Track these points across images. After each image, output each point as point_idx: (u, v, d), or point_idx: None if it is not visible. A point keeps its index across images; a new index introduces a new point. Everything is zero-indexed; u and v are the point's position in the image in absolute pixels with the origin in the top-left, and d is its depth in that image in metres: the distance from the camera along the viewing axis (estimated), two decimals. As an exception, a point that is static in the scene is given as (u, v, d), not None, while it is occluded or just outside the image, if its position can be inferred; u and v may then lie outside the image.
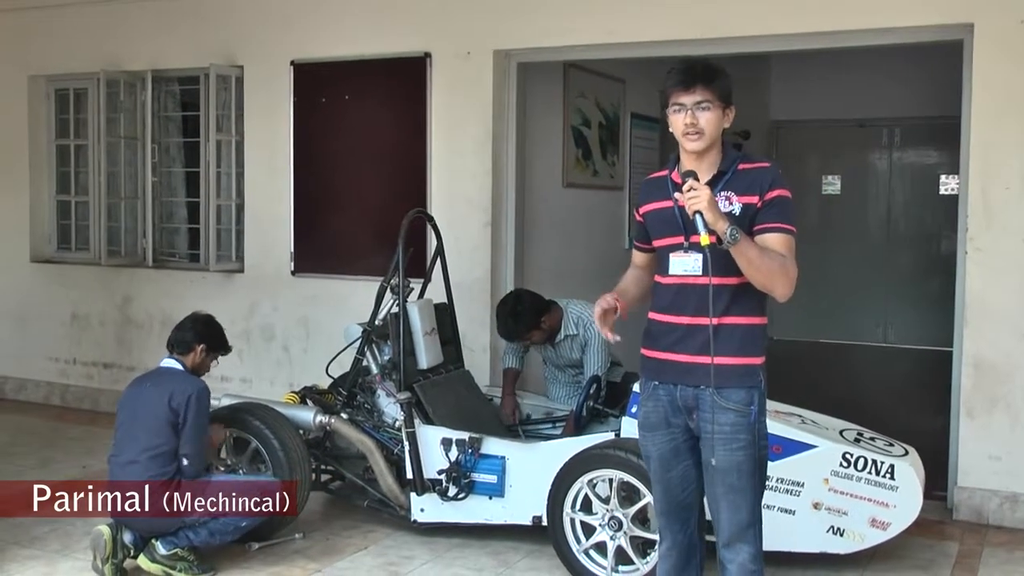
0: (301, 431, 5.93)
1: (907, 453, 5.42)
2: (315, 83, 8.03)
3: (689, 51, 7.13)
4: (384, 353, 6.01)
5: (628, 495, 5.15)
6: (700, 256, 3.68)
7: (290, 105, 8.12)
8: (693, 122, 3.72)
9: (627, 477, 5.09)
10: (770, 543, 5.11)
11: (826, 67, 10.85)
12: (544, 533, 5.44)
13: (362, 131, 7.87)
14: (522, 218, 7.70)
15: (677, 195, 3.73)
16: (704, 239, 3.57)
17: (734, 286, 3.70)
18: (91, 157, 9.04)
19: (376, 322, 6.06)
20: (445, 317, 6.42)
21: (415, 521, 5.81)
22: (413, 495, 5.75)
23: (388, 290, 6.02)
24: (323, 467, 6.18)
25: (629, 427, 5.46)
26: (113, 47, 8.81)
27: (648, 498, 5.01)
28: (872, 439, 5.51)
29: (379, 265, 6.30)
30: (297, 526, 5.90)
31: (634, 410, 5.49)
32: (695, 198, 3.59)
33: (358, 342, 6.05)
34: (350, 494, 6.15)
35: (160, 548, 5.26)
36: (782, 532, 5.12)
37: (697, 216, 3.59)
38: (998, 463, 6.22)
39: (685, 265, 3.75)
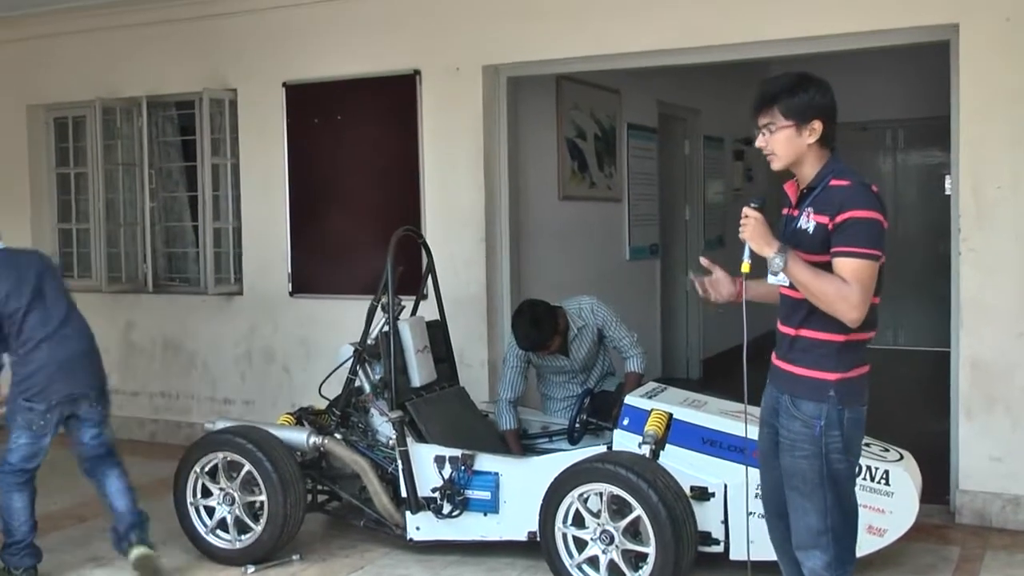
0: (298, 452, 5.93)
1: (902, 458, 5.37)
2: (307, 104, 8.05)
3: (681, 60, 7.21)
4: (376, 372, 6.00)
5: (619, 508, 5.11)
6: None
7: (283, 126, 8.15)
8: (763, 144, 3.82)
9: (617, 490, 5.04)
10: (767, 553, 5.11)
11: (828, 71, 10.66)
12: (540, 549, 5.41)
13: (355, 150, 7.90)
14: (517, 232, 7.70)
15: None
16: (745, 267, 3.79)
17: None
18: (90, 184, 9.07)
19: (368, 341, 6.05)
20: (438, 334, 6.41)
21: (411, 540, 5.78)
22: (408, 514, 5.73)
23: (379, 308, 6.02)
24: (319, 488, 6.17)
25: (621, 440, 5.46)
26: (109, 74, 8.85)
27: (638, 511, 4.99)
28: (867, 444, 5.44)
29: (376, 283, 6.30)
30: (295, 547, 5.90)
31: (625, 422, 5.49)
32: (743, 227, 3.74)
33: (350, 362, 6.05)
34: (347, 514, 6.14)
35: None
36: (778, 541, 5.09)
37: (745, 244, 3.74)
38: (999, 465, 6.16)
39: (780, 277, 3.76)
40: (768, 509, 4.12)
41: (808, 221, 3.74)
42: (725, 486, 5.21)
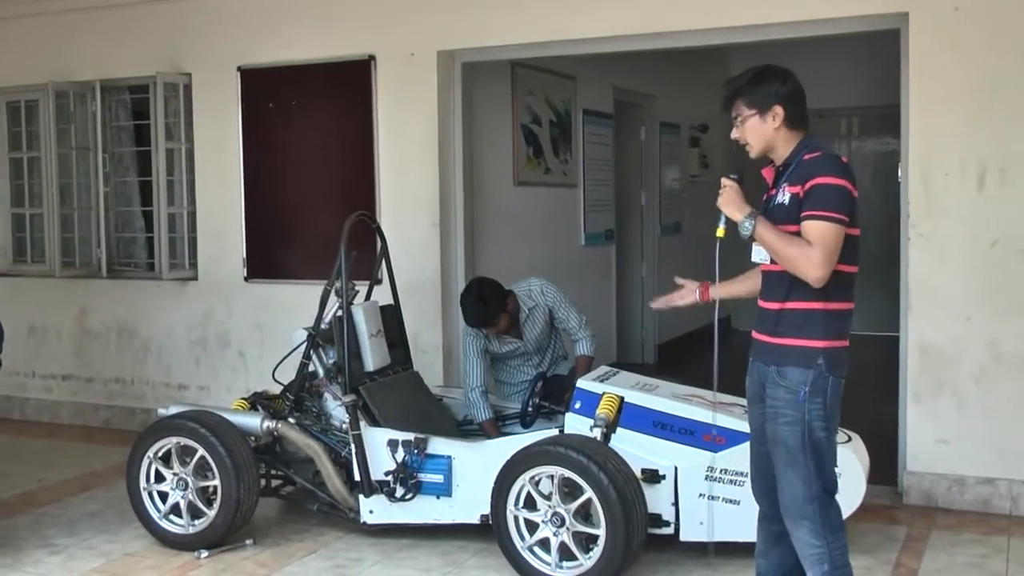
0: (251, 437, 5.93)
1: (849, 440, 5.46)
2: (262, 88, 8.02)
3: (637, 46, 7.24)
4: (330, 356, 6.00)
5: (570, 491, 5.14)
6: None
7: (238, 111, 8.12)
8: (738, 136, 4.08)
9: (568, 473, 5.07)
10: (717, 534, 5.18)
11: (785, 59, 10.79)
12: (492, 531, 5.44)
13: (310, 135, 7.89)
14: (472, 218, 7.72)
15: None
16: (720, 231, 4.04)
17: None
18: (44, 169, 8.97)
19: (321, 326, 6.05)
20: (392, 319, 6.42)
21: (365, 523, 5.81)
22: (361, 497, 5.75)
23: (333, 293, 6.02)
24: (273, 472, 6.18)
25: (573, 423, 5.50)
26: (61, 58, 8.78)
27: (589, 493, 5.03)
28: (816, 427, 5.52)
29: (330, 268, 6.32)
30: (249, 532, 5.91)
31: (577, 405, 5.53)
32: (721, 195, 4.01)
33: (303, 346, 6.05)
34: (301, 498, 6.14)
35: None
36: (728, 523, 5.15)
37: (722, 212, 4.00)
38: (946, 447, 6.26)
39: (761, 254, 4.03)
40: (755, 486, 4.29)
41: (784, 195, 3.96)
42: (675, 469, 5.27)
